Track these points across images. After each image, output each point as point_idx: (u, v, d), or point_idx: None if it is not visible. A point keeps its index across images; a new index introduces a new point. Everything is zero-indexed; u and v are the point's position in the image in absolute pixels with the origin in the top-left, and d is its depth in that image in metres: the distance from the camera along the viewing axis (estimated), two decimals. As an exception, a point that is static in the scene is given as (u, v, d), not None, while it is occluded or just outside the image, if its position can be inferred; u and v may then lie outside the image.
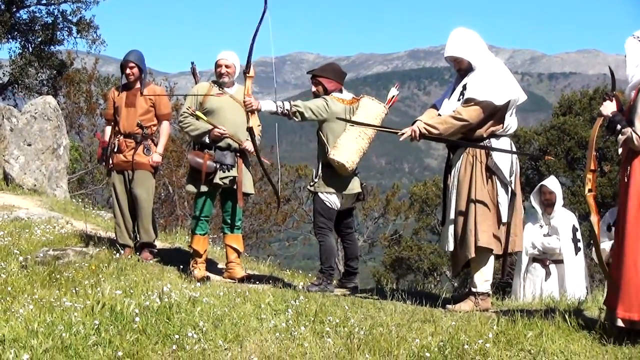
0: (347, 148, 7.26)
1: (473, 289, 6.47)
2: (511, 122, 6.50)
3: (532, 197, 8.82)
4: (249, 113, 7.21)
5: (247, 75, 7.17)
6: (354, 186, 7.49)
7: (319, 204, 7.44)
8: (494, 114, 6.40)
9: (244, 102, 7.13)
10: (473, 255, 6.35)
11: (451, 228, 6.52)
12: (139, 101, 8.26)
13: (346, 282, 7.78)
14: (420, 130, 6.47)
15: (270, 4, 6.74)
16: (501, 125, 6.45)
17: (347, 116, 7.33)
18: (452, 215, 6.52)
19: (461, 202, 6.45)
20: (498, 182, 6.40)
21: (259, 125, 8.05)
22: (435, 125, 6.45)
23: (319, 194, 7.41)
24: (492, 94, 6.31)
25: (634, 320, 5.09)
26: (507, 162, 6.45)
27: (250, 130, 7.28)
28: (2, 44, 27.03)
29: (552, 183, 8.82)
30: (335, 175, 7.35)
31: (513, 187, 6.43)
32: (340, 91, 7.55)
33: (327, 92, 7.46)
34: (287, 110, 7.14)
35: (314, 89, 7.56)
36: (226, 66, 7.83)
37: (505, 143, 6.50)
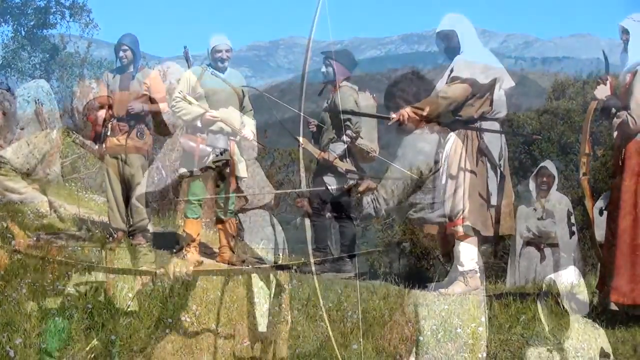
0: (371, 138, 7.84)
1: (460, 268, 6.47)
2: (499, 105, 6.52)
3: (530, 180, 8.77)
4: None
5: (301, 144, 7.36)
6: None
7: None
8: (482, 94, 6.43)
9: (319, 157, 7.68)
10: (461, 233, 6.37)
11: (440, 208, 6.54)
12: (133, 85, 8.21)
13: (342, 265, 7.88)
14: (408, 114, 6.50)
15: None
16: (491, 107, 6.47)
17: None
18: (441, 195, 6.54)
19: (450, 182, 6.46)
20: (488, 164, 6.41)
21: (250, 110, 8.04)
22: (421, 107, 6.49)
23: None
24: (476, 72, 6.37)
25: (626, 304, 5.10)
26: (496, 145, 6.47)
27: None
28: (-6, 27, 26.87)
29: (552, 166, 8.77)
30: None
31: (502, 171, 6.45)
32: (348, 79, 7.78)
33: (335, 75, 7.68)
34: (352, 136, 7.63)
35: (323, 69, 7.83)
36: (226, 51, 7.79)
37: (494, 127, 6.52)
